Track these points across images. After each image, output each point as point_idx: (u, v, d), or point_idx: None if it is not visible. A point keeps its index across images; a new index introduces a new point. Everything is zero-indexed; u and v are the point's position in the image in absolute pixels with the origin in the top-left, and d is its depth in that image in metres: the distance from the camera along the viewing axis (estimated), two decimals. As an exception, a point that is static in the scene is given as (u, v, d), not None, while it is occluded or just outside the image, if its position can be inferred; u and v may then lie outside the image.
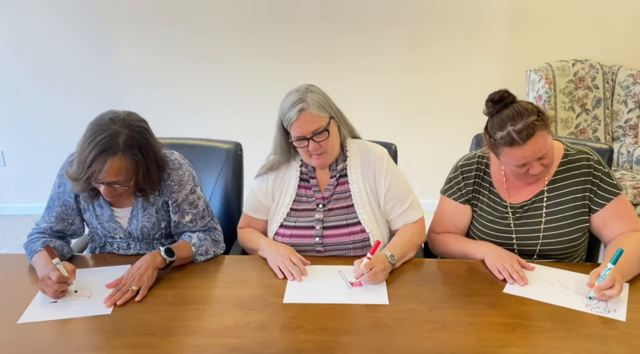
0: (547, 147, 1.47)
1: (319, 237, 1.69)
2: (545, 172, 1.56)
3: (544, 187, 1.60)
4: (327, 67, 3.48)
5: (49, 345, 1.27)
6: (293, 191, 1.74)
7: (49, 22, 3.44)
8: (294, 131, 1.60)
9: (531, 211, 1.61)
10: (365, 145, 1.76)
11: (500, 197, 1.64)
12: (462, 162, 1.72)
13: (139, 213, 1.67)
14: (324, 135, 1.61)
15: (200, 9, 3.39)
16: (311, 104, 1.58)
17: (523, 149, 1.44)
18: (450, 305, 1.39)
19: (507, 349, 1.20)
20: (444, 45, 3.42)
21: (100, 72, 3.54)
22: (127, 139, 1.46)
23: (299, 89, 1.63)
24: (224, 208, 1.98)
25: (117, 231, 1.69)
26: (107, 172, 1.44)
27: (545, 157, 1.48)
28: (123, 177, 1.48)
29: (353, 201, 1.70)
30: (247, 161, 2.06)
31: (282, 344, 1.24)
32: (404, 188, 1.73)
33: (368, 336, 1.26)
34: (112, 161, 1.43)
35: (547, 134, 1.46)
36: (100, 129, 1.45)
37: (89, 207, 1.69)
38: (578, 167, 1.58)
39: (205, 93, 3.58)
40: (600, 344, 1.21)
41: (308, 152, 1.63)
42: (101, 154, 1.42)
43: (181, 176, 1.66)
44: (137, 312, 1.39)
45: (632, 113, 3.19)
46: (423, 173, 3.35)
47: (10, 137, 3.75)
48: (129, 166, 1.47)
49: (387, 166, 1.72)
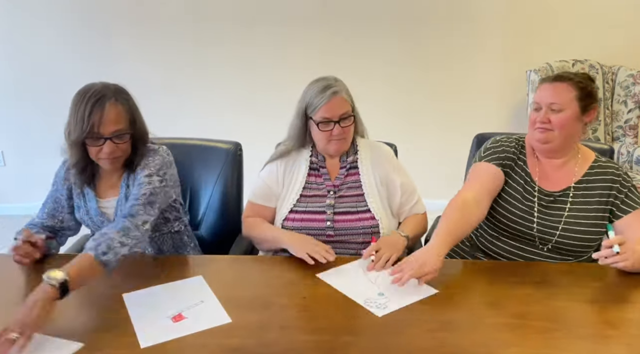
0: (563, 103, 1.57)
1: (330, 221, 1.72)
2: (553, 143, 1.61)
3: (571, 184, 1.65)
4: (326, 67, 3.46)
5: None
6: (303, 179, 1.78)
7: (49, 22, 3.44)
8: (324, 112, 1.67)
9: (557, 203, 1.65)
10: (374, 143, 1.88)
11: (531, 178, 1.68)
12: (500, 138, 1.76)
13: (123, 203, 1.68)
14: (350, 120, 1.71)
15: (201, 9, 3.39)
16: (342, 89, 1.70)
17: (546, 86, 1.60)
18: (451, 305, 1.38)
19: (507, 349, 1.20)
20: (444, 46, 3.42)
21: (100, 73, 3.50)
22: (115, 88, 1.58)
23: (327, 78, 1.73)
24: (223, 208, 1.98)
25: (105, 224, 1.70)
26: (107, 119, 1.52)
27: (555, 109, 1.58)
28: (122, 124, 1.56)
29: (363, 190, 1.76)
30: (247, 161, 2.06)
31: (282, 344, 1.24)
32: (412, 186, 1.85)
33: (368, 336, 1.26)
34: (108, 105, 1.52)
35: (575, 100, 1.58)
36: (87, 89, 1.55)
37: (81, 203, 1.71)
38: (607, 174, 1.64)
39: (205, 93, 3.58)
40: (601, 344, 1.21)
41: (329, 137, 1.70)
42: (97, 103, 1.51)
43: (152, 160, 1.65)
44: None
45: (632, 113, 3.19)
46: (423, 173, 3.34)
47: (10, 137, 3.75)
48: (124, 110, 1.57)
49: (398, 163, 1.86)
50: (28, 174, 3.80)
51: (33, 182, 3.75)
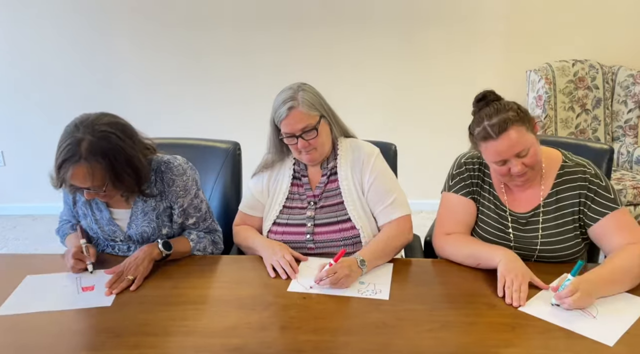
0: (524, 144, 1.45)
1: (310, 234, 1.70)
2: (533, 175, 1.53)
3: (540, 202, 1.58)
4: (326, 67, 3.48)
5: (49, 344, 1.27)
6: (286, 189, 1.76)
7: (48, 22, 3.44)
8: (284, 127, 1.64)
9: (530, 225, 1.59)
10: (357, 143, 1.77)
11: (500, 201, 1.63)
12: (464, 160, 1.69)
13: (138, 217, 1.66)
14: (313, 133, 1.64)
15: (200, 8, 3.39)
16: (301, 102, 1.61)
17: (496, 143, 1.44)
18: (450, 305, 1.39)
19: (507, 349, 1.20)
20: (444, 46, 3.42)
21: (100, 72, 3.54)
22: (89, 146, 1.43)
23: (291, 87, 1.66)
24: (222, 208, 1.98)
25: (117, 234, 1.69)
26: (72, 180, 1.45)
27: (524, 155, 1.46)
28: (91, 183, 1.46)
29: (343, 198, 1.71)
30: (246, 160, 2.07)
31: (282, 344, 1.24)
32: (389, 185, 1.73)
33: (368, 336, 1.26)
34: (74, 168, 1.43)
35: (526, 131, 1.45)
36: (65, 136, 1.46)
37: (87, 212, 1.70)
38: (574, 180, 1.55)
39: (204, 93, 3.58)
40: (601, 344, 1.21)
41: (297, 149, 1.67)
42: (64, 162, 1.44)
43: (185, 181, 1.66)
44: (137, 312, 1.39)
45: (632, 113, 3.19)
46: (423, 173, 3.35)
47: (10, 137, 3.75)
48: (94, 172, 1.44)
49: (375, 163, 1.73)
50: (28, 174, 3.80)
51: (33, 182, 3.75)
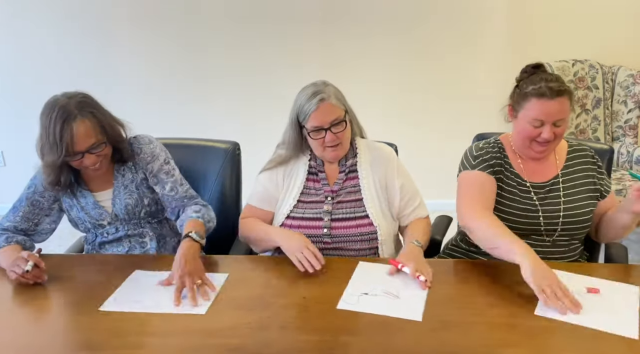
0: (565, 115, 1.56)
1: (327, 228, 1.70)
2: (550, 149, 1.64)
3: (558, 172, 1.69)
4: (326, 67, 3.48)
5: (49, 344, 1.27)
6: (301, 184, 1.76)
7: (49, 22, 3.44)
8: (313, 121, 1.64)
9: (552, 192, 1.68)
10: (374, 144, 1.83)
11: (520, 177, 1.69)
12: (481, 144, 1.75)
13: (120, 192, 1.72)
14: (342, 125, 1.66)
15: (200, 8, 3.39)
16: (330, 95, 1.64)
17: (550, 103, 1.54)
18: (450, 305, 1.38)
19: (507, 349, 1.20)
20: (444, 46, 3.42)
21: (100, 72, 3.53)
22: (77, 103, 1.54)
23: (315, 83, 1.69)
24: (222, 208, 1.98)
25: (104, 216, 1.73)
26: (78, 138, 1.52)
27: (559, 125, 1.57)
28: (94, 138, 1.55)
29: (362, 195, 1.73)
30: (246, 160, 2.06)
31: (282, 344, 1.24)
32: (414, 187, 1.81)
33: (368, 336, 1.26)
34: (76, 124, 1.51)
35: (569, 106, 1.57)
36: (50, 107, 1.53)
37: (73, 201, 1.72)
38: (584, 156, 1.71)
39: (204, 93, 3.57)
40: (601, 344, 1.21)
41: (323, 144, 1.67)
42: (64, 124, 1.50)
43: (152, 149, 1.74)
44: (137, 312, 1.38)
45: (632, 113, 3.19)
46: (424, 173, 3.32)
47: (10, 137, 3.74)
48: (93, 124, 1.55)
49: (398, 164, 1.80)
50: (28, 174, 3.77)
51: (33, 182, 3.75)
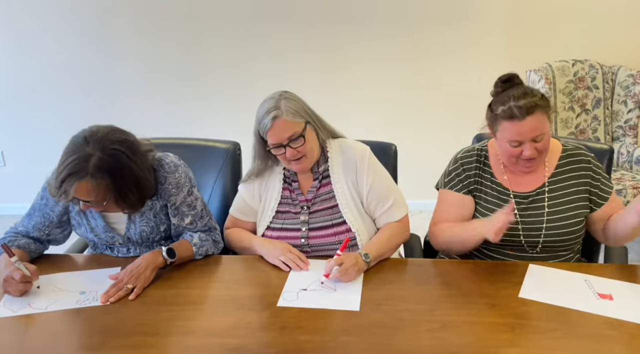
0: (543, 130, 1.50)
1: (304, 238, 1.69)
2: (539, 162, 1.58)
3: (545, 180, 1.62)
4: (326, 67, 3.48)
5: (49, 344, 1.27)
6: (278, 194, 1.75)
7: (49, 22, 3.44)
8: (270, 138, 1.62)
9: (535, 203, 1.62)
10: (347, 143, 1.75)
11: (503, 187, 1.65)
12: (460, 155, 1.72)
13: (136, 218, 1.65)
14: (300, 141, 1.61)
15: (200, 9, 3.39)
16: (285, 110, 1.59)
17: (521, 124, 1.48)
18: (450, 305, 1.38)
19: (507, 349, 1.20)
20: (444, 46, 3.42)
21: (100, 72, 3.54)
22: (98, 162, 1.41)
23: (272, 97, 1.65)
24: (222, 208, 1.98)
25: (116, 239, 1.68)
26: (76, 193, 1.42)
27: (539, 140, 1.51)
28: (93, 198, 1.45)
29: (337, 201, 1.70)
30: (246, 161, 2.06)
31: (282, 344, 1.24)
32: (387, 186, 1.74)
33: (368, 336, 1.26)
34: (78, 184, 1.40)
35: (546, 119, 1.50)
36: (73, 149, 1.43)
37: (82, 221, 1.68)
38: (578, 162, 1.63)
39: (205, 93, 3.58)
40: (601, 344, 1.21)
41: (286, 158, 1.64)
42: (69, 177, 1.40)
43: (177, 178, 1.64)
44: (137, 312, 1.39)
45: (632, 113, 3.19)
46: (424, 173, 3.34)
47: (10, 137, 3.75)
48: (98, 188, 1.43)
49: (369, 164, 1.71)
50: (28, 174, 3.79)
51: (33, 182, 3.73)
